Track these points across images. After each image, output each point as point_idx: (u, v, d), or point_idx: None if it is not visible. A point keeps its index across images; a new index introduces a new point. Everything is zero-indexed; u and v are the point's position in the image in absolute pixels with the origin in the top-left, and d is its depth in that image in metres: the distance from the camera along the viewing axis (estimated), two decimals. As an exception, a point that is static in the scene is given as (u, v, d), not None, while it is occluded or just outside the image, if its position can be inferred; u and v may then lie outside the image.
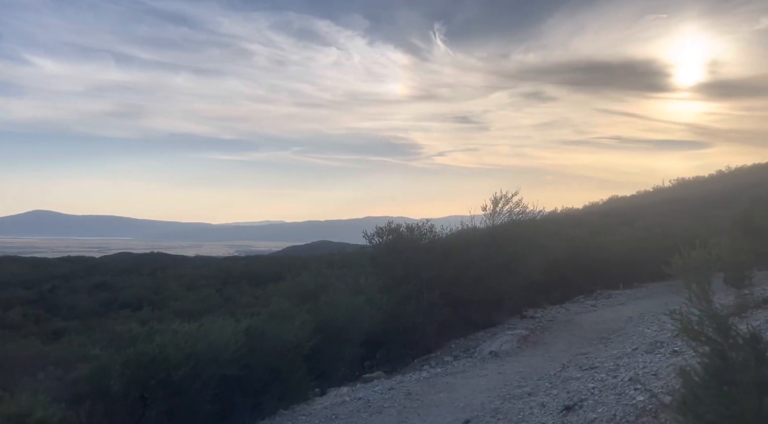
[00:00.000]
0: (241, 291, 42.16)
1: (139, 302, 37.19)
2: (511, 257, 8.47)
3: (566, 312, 9.62)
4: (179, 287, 43.83)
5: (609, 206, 35.91)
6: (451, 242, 8.40)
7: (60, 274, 48.62)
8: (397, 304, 7.68)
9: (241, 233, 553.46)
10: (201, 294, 39.69)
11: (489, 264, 8.07)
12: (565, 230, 12.34)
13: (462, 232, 9.07)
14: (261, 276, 50.48)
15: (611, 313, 9.25)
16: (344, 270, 10.06)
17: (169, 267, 63.52)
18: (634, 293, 12.00)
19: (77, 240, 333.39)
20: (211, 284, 45.49)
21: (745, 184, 28.20)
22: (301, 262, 59.95)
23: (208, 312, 32.27)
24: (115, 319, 31.76)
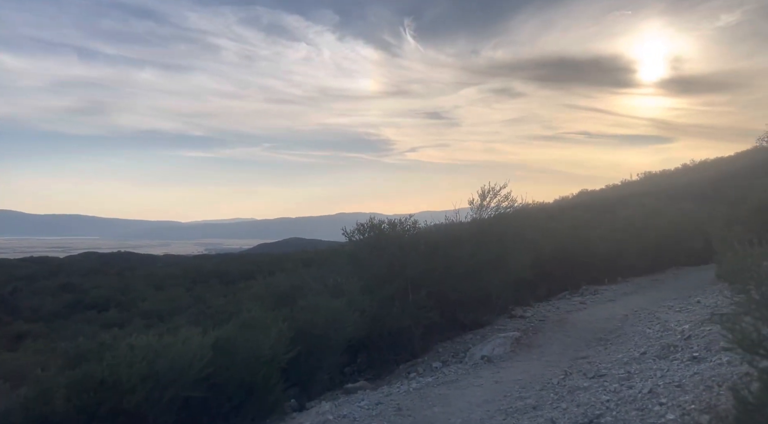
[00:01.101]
0: (212, 290, 41.10)
1: (105, 303, 35.80)
2: (500, 254, 7.95)
3: (556, 311, 9.16)
4: (147, 287, 42.49)
5: (580, 200, 35.99)
6: (437, 238, 7.83)
7: (22, 275, 46.69)
8: (381, 306, 7.08)
9: (211, 231, 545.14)
10: (170, 294, 38.49)
11: (477, 261, 7.53)
12: (545, 223, 11.90)
13: (448, 227, 8.52)
14: (232, 274, 49.41)
15: (603, 311, 8.82)
16: (322, 269, 9.41)
17: (136, 267, 61.84)
18: (620, 288, 11.64)
19: (41, 240, 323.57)
20: (180, 284, 44.22)
21: (710, 178, 28.57)
22: (273, 259, 59.01)
23: (178, 313, 31.05)
24: (79, 321, 30.44)
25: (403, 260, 7.48)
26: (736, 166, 30.62)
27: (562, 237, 11.48)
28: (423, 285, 7.49)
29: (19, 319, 30.07)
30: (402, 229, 8.30)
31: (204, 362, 4.27)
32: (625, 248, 13.11)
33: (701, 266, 14.15)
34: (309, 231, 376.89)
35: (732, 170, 29.28)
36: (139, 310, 34.03)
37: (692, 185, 28.03)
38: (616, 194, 33.24)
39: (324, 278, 8.46)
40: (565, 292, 12.05)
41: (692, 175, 33.82)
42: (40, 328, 26.75)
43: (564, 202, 34.90)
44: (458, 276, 7.50)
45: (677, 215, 13.99)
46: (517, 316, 8.74)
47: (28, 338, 23.94)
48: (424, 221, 9.33)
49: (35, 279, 44.71)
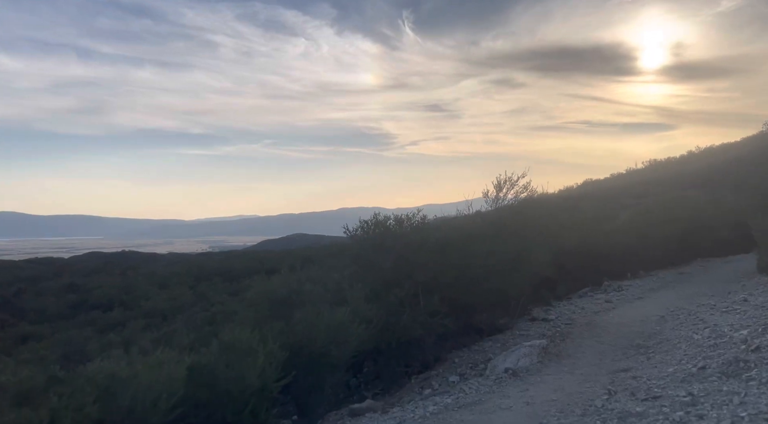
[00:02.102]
0: (216, 288, 40.44)
1: (109, 302, 35.19)
2: (520, 250, 7.12)
3: (581, 311, 8.31)
4: (151, 285, 41.93)
5: (585, 190, 35.08)
6: (449, 235, 6.99)
7: (26, 276, 46.22)
8: (389, 314, 6.26)
9: (214, 229, 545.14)
10: (173, 293, 37.80)
11: (496, 260, 6.69)
12: (565, 214, 11.03)
13: (460, 222, 7.68)
14: (235, 271, 48.76)
15: (634, 310, 7.98)
16: (323, 269, 8.58)
17: (140, 266, 61.30)
18: (645, 283, 10.79)
19: (45, 241, 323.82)
20: (183, 282, 43.60)
21: (718, 164, 27.71)
22: (277, 256, 58.36)
23: (181, 311, 30.31)
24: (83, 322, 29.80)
25: (411, 261, 6.66)
26: (743, 152, 29.76)
27: (584, 229, 10.61)
28: (435, 288, 6.67)
29: (23, 320, 29.45)
30: (410, 225, 7.46)
31: (175, 398, 3.45)
32: (646, 240, 12.25)
33: (728, 257, 13.30)
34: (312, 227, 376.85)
35: (740, 156, 28.44)
36: (143, 309, 33.47)
37: (700, 172, 27.25)
38: (622, 183, 32.39)
39: (325, 280, 7.64)
40: (586, 288, 11.21)
41: (699, 162, 32.94)
42: (44, 329, 26.20)
43: (569, 193, 34.00)
44: (474, 277, 6.67)
45: (701, 204, 13.09)
46: (539, 319, 7.90)
47: (32, 339, 23.36)
48: (433, 215, 8.54)
49: (39, 280, 44.26)
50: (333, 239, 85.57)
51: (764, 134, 33.72)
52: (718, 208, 13.38)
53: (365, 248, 6.90)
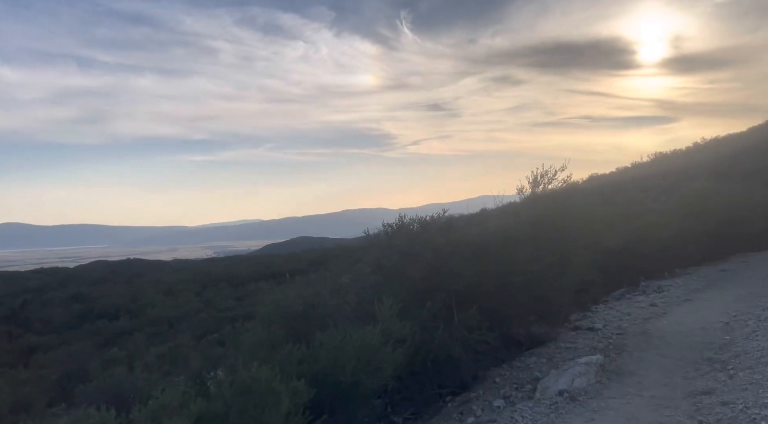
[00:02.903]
0: (222, 293, 39.72)
1: (115, 311, 34.55)
2: (564, 252, 6.33)
3: (627, 318, 7.50)
4: (157, 293, 41.26)
5: (591, 184, 34.25)
6: (485, 240, 6.20)
7: (33, 287, 45.72)
8: (422, 330, 5.48)
9: (218, 234, 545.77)
10: (179, 300, 36.96)
11: (540, 266, 5.90)
12: (603, 210, 10.21)
13: (494, 223, 6.88)
14: (241, 277, 48.06)
15: (688, 315, 7.17)
16: (340, 278, 7.80)
17: (146, 273, 60.83)
18: (686, 282, 9.97)
19: (51, 251, 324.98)
20: (189, 288, 42.89)
21: (725, 155, 27.09)
22: (281, 260, 57.50)
23: (187, 318, 29.37)
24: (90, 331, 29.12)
25: (443, 269, 5.87)
26: (750, 142, 29.06)
27: (623, 226, 9.79)
28: (470, 299, 5.88)
29: (30, 332, 28.84)
30: (437, 228, 6.67)
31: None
32: (682, 234, 11.42)
33: (767, 251, 12.49)
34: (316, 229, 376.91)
35: (747, 146, 27.77)
36: (149, 317, 32.80)
37: (708, 163, 26.58)
38: (629, 177, 31.59)
39: (345, 291, 6.86)
40: (622, 290, 10.39)
41: (706, 153, 32.19)
42: (51, 340, 25.56)
43: (575, 187, 33.12)
44: (516, 286, 5.88)
45: (737, 196, 12.26)
46: (584, 328, 7.09)
47: (39, 350, 22.66)
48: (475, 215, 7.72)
49: (45, 290, 43.79)
50: (338, 241, 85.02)
51: None
52: (753, 200, 12.53)
53: (391, 256, 6.12)
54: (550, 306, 6.64)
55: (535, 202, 7.16)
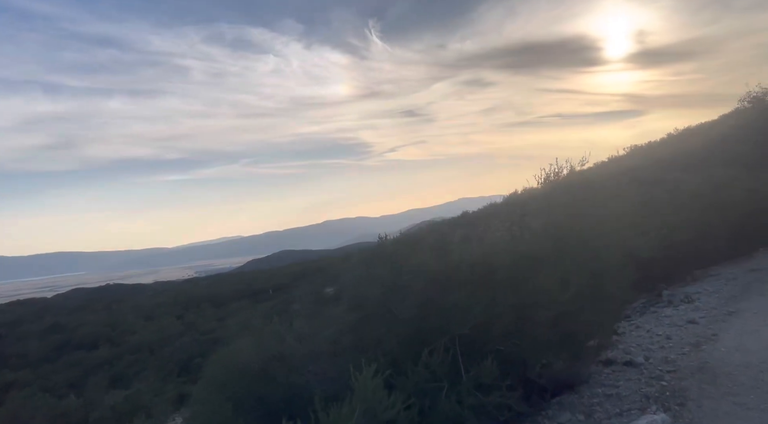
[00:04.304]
0: (204, 314, 37.83)
1: (94, 340, 32.59)
2: (598, 271, 4.89)
3: (671, 343, 6.02)
4: (137, 318, 39.27)
5: (571, 180, 33.25)
6: (492, 261, 4.73)
7: (7, 321, 43.51)
8: (419, 395, 3.97)
9: (198, 253, 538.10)
10: (160, 324, 34.95)
11: (571, 293, 4.43)
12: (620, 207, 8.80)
13: (500, 235, 5.42)
14: (223, 296, 46.15)
15: (746, 337, 5.74)
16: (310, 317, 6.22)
17: (125, 299, 58.61)
18: (716, 287, 8.62)
19: (27, 282, 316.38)
20: (170, 311, 40.93)
21: (700, 144, 26.57)
22: (264, 276, 55.59)
23: (168, 343, 27.55)
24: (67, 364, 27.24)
25: (443, 304, 4.39)
26: (723, 131, 28.55)
27: (654, 229, 8.40)
28: (482, 343, 4.40)
29: (4, 368, 26.70)
30: (434, 246, 5.19)
31: None
32: (701, 231, 10.09)
33: None
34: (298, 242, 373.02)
35: (721, 134, 27.24)
36: (129, 344, 30.88)
37: (683, 153, 25.94)
38: (607, 171, 30.73)
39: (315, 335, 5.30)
40: (642, 301, 9.02)
41: (680, 143, 31.57)
42: (27, 375, 23.66)
43: (555, 184, 32.11)
44: (540, 322, 4.41)
45: (758, 184, 11.00)
46: (620, 362, 5.63)
47: (14, 387, 20.73)
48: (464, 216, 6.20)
49: (21, 323, 41.64)
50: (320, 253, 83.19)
51: (740, 111, 32.68)
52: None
53: (372, 291, 4.61)
54: (579, 338, 5.17)
55: (549, 204, 5.72)
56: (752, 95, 33.26)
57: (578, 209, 5.57)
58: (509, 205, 22.90)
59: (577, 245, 5.03)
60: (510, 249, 4.90)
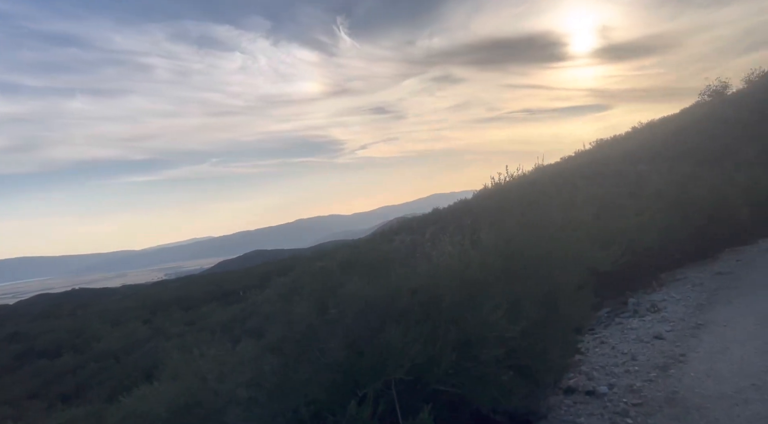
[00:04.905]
0: (172, 318, 36.68)
1: (57, 348, 31.19)
2: (554, 291, 4.33)
3: (637, 366, 5.51)
4: (103, 324, 37.86)
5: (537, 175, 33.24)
6: (436, 285, 4.11)
7: (-36, 331, 41.72)
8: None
9: (168, 255, 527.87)
10: (126, 329, 33.72)
11: (523, 325, 3.85)
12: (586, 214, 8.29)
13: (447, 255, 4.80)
14: (193, 299, 44.95)
15: (717, 357, 5.26)
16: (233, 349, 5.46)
17: (91, 304, 56.74)
18: (682, 294, 8.22)
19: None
20: (138, 316, 39.66)
21: (662, 137, 26.90)
22: (235, 277, 54.55)
23: (135, 349, 26.47)
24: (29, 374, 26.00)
25: (377, 341, 3.77)
26: (685, 123, 28.93)
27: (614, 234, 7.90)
28: (423, 386, 3.80)
29: None
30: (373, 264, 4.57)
31: None
32: (662, 233, 9.72)
33: (758, 242, 10.99)
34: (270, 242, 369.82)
35: (683, 127, 27.58)
36: (94, 351, 29.61)
37: (647, 147, 26.17)
38: (574, 165, 30.78)
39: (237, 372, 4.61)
40: (606, 309, 8.57)
41: (644, 136, 31.88)
42: None
43: (523, 180, 32.02)
44: (486, 361, 3.82)
45: (721, 181, 10.70)
46: (582, 390, 5.10)
47: None
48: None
49: (-21, 332, 39.80)
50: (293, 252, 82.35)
51: (701, 104, 33.31)
52: (738, 185, 11.04)
53: (292, 327, 3.96)
54: (534, 371, 4.60)
55: (500, 209, 5.15)
56: (711, 89, 33.92)
57: (533, 218, 5.03)
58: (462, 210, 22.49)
59: (530, 263, 4.47)
60: (456, 270, 4.30)
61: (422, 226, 29.19)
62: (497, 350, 3.74)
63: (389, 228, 38.56)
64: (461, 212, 25.52)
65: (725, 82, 33.21)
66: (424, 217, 31.48)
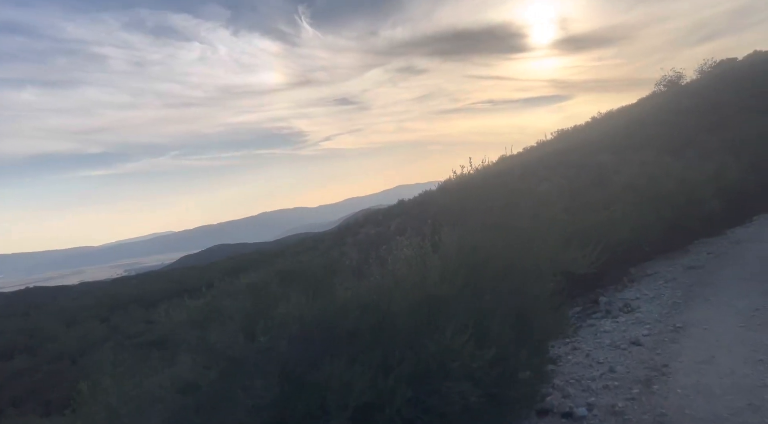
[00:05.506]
0: (131, 316, 35.37)
1: (8, 351, 29.63)
2: (525, 310, 3.71)
3: (616, 379, 4.94)
4: (58, 324, 36.18)
5: (501, 167, 33.08)
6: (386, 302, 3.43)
7: None
8: None
9: (127, 251, 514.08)
10: (83, 329, 32.23)
11: (492, 353, 3.21)
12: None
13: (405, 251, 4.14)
14: (152, 296, 43.50)
15: (702, 369, 4.75)
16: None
17: (46, 303, 54.45)
18: (655, 291, 7.78)
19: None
20: (95, 315, 38.11)
21: (622, 126, 27.16)
22: (196, 273, 53.21)
23: (91, 350, 25.24)
24: None
25: (315, 376, 3.08)
26: (642, 113, 29.26)
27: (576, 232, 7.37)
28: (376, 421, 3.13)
29: None
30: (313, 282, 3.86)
31: None
32: (633, 227, 9.28)
33: (726, 233, 10.72)
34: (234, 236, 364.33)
35: (640, 116, 27.86)
36: (48, 353, 28.14)
37: (607, 137, 26.32)
38: (537, 156, 30.77)
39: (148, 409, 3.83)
40: (577, 309, 8.09)
41: (603, 126, 32.15)
42: None
43: (487, 171, 31.79)
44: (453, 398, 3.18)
45: (689, 172, 10.35)
46: (557, 412, 4.51)
47: None
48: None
49: None
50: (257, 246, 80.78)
51: (657, 94, 33.94)
52: (706, 175, 10.72)
53: (207, 365, 3.21)
54: (503, 400, 3.98)
55: (463, 209, 4.51)
56: (667, 79, 34.46)
57: (500, 217, 4.42)
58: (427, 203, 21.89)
59: (499, 272, 3.83)
60: (413, 283, 3.62)
61: (387, 218, 28.63)
62: (463, 383, 3.08)
63: (355, 221, 37.95)
64: (426, 204, 25.01)
65: (680, 73, 33.84)
66: (389, 209, 30.94)
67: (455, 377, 3.10)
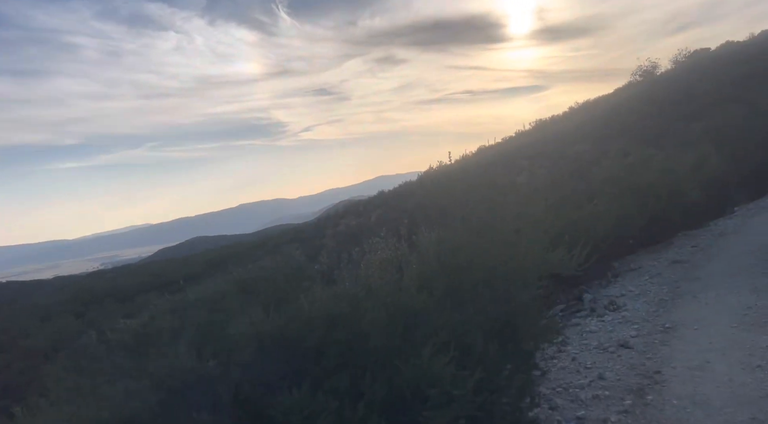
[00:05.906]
0: (107, 311, 34.59)
1: None
2: (510, 316, 3.36)
3: (607, 390, 4.64)
4: (32, 319, 35.22)
5: (480, 158, 32.90)
6: (352, 317, 3.04)
7: None
8: None
9: (104, 244, 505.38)
10: (57, 325, 31.46)
11: (474, 379, 2.85)
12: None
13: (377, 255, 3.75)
14: (129, 290, 42.57)
15: (700, 379, 4.46)
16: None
17: (19, 298, 53.24)
18: (640, 287, 7.51)
19: None
20: (69, 310, 37.25)
21: (600, 116, 27.18)
22: (174, 265, 52.38)
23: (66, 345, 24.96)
24: None
25: (271, 406, 2.70)
26: (619, 102, 29.31)
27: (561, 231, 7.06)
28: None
29: None
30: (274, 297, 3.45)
31: None
32: (616, 221, 9.01)
33: (709, 225, 10.53)
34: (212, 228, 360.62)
35: (617, 106, 27.90)
36: (21, 350, 27.32)
37: (585, 126, 26.28)
38: (516, 146, 30.61)
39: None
40: (560, 306, 7.80)
41: (580, 116, 32.15)
42: None
43: (467, 162, 31.61)
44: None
45: (671, 164, 10.11)
46: (544, 422, 4.18)
47: None
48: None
49: None
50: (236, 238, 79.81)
51: (632, 84, 34.15)
52: (686, 166, 10.50)
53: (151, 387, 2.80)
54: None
55: (442, 208, 4.12)
56: (642, 69, 34.59)
57: (482, 216, 4.05)
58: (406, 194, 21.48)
59: (480, 278, 3.46)
60: (387, 294, 3.22)
61: (368, 209, 28.22)
62: (445, 412, 2.70)
63: (335, 212, 37.45)
64: (406, 195, 24.65)
65: (655, 63, 34.01)
66: (369, 200, 30.54)
67: (435, 405, 2.72)
